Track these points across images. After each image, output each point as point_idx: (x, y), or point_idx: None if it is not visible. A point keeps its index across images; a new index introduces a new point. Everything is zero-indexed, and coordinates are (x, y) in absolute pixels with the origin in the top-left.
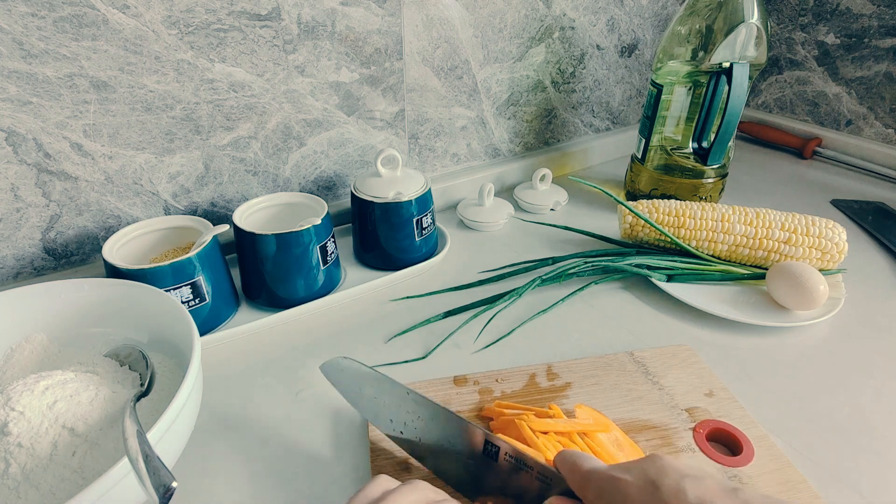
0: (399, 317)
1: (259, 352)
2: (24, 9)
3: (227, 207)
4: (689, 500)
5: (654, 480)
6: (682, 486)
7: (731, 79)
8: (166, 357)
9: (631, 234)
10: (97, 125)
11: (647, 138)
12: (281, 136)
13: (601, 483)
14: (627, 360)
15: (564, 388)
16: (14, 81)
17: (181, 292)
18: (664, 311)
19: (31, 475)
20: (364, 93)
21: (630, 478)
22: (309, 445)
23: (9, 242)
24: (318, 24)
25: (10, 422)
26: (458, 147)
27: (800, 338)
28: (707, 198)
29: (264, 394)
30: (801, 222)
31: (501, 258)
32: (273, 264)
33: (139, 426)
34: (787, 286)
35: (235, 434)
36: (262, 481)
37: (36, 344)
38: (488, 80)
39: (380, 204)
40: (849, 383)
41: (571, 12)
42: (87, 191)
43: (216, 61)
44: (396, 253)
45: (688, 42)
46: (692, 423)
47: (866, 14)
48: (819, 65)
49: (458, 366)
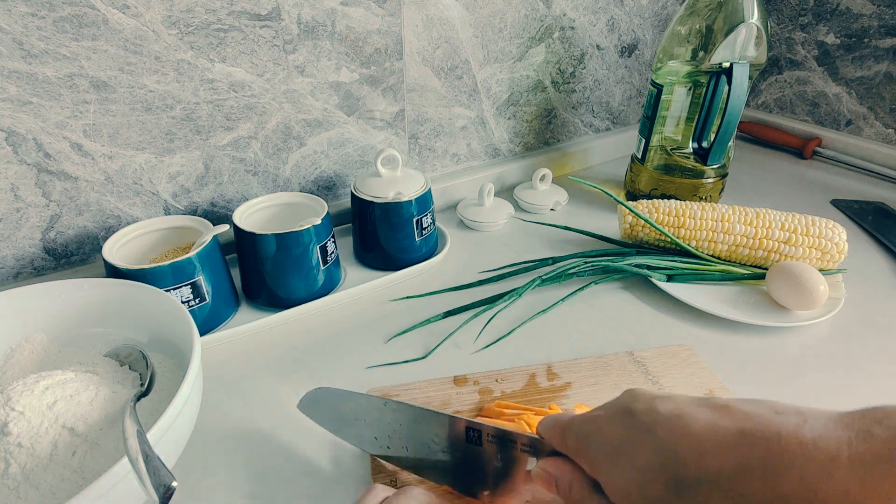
0: (399, 317)
1: (259, 352)
2: (24, 9)
3: (227, 207)
4: (662, 415)
5: (628, 407)
6: (653, 405)
7: (731, 79)
8: (166, 357)
9: (631, 234)
10: (97, 125)
11: (647, 138)
12: (281, 136)
13: (580, 428)
14: (627, 360)
15: (564, 388)
16: (14, 81)
17: (181, 292)
18: (664, 311)
19: (31, 475)
20: (364, 93)
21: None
22: (309, 445)
23: (9, 242)
24: (318, 24)
25: (10, 422)
26: (458, 147)
27: (800, 338)
28: (707, 198)
29: (264, 394)
30: (801, 222)
31: (501, 258)
32: (273, 264)
33: (139, 426)
34: (787, 286)
35: (235, 434)
36: (262, 481)
37: (36, 344)
38: (488, 80)
39: (380, 204)
40: (849, 383)
41: (571, 12)
42: (87, 191)
43: (216, 61)
44: (396, 253)
45: (688, 42)
46: None
47: (866, 14)
48: (819, 65)
49: (458, 366)
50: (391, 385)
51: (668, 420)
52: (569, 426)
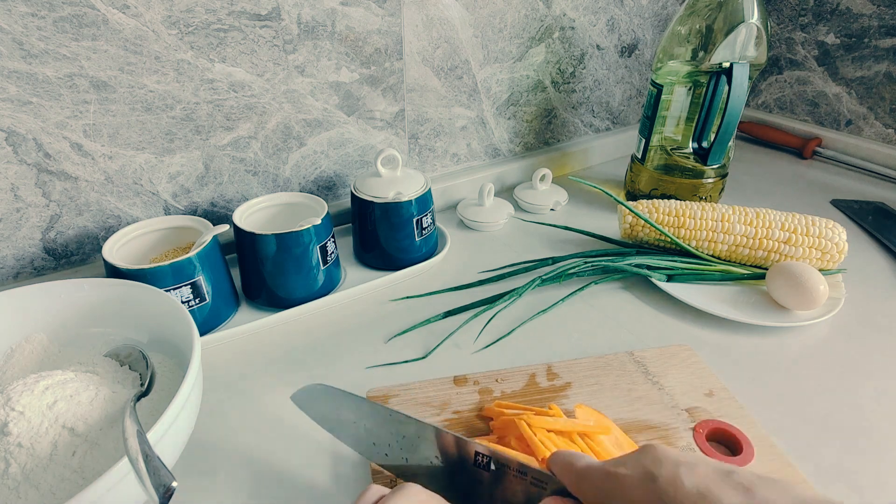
0: (399, 317)
1: (259, 352)
2: (24, 9)
3: (227, 207)
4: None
5: (651, 471)
6: (678, 475)
7: (731, 79)
8: (166, 357)
9: (631, 234)
10: (97, 125)
11: (647, 138)
12: (281, 136)
13: (597, 479)
14: (627, 360)
15: (564, 388)
16: (14, 81)
17: (181, 292)
18: (664, 311)
19: (31, 475)
20: (364, 93)
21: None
22: (309, 446)
23: (9, 242)
24: (318, 24)
25: (10, 422)
26: (458, 147)
27: (800, 338)
28: (707, 198)
29: (264, 394)
30: (801, 222)
31: (501, 258)
32: (273, 264)
33: (139, 426)
34: (787, 286)
35: (235, 434)
36: (262, 481)
37: (36, 344)
38: (488, 80)
39: (380, 204)
40: (849, 383)
41: (571, 12)
42: (87, 191)
43: (216, 61)
44: (396, 253)
45: (688, 42)
46: (692, 423)
47: (866, 14)
48: (819, 65)
49: (458, 366)
50: (391, 385)
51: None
52: (586, 475)
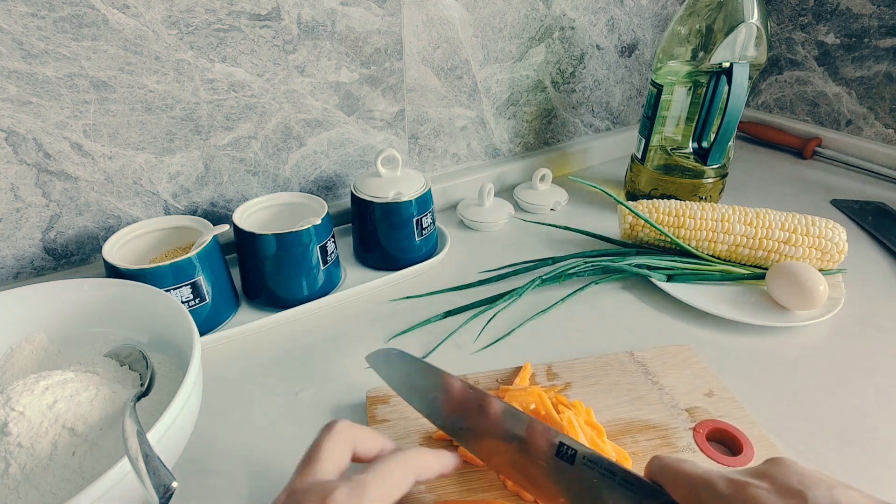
0: (399, 317)
1: (259, 352)
2: (24, 9)
3: (227, 207)
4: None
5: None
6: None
7: (731, 79)
8: (166, 357)
9: (631, 234)
10: (97, 125)
11: (647, 138)
12: (281, 136)
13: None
14: (627, 359)
15: (564, 388)
16: (14, 81)
17: (181, 292)
18: (664, 311)
19: (31, 475)
20: (364, 93)
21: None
22: (309, 445)
23: (9, 242)
24: (318, 24)
25: (10, 422)
26: (458, 147)
27: (800, 338)
28: (707, 198)
29: (264, 394)
30: (801, 222)
31: (501, 258)
32: (273, 264)
33: (139, 426)
34: (787, 286)
35: (235, 434)
36: (262, 481)
37: (36, 344)
38: (488, 80)
39: (380, 204)
40: (849, 383)
41: (571, 12)
42: (87, 191)
43: (216, 61)
44: (396, 253)
45: (688, 42)
46: (692, 423)
47: (866, 14)
48: (819, 65)
49: (458, 366)
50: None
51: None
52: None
